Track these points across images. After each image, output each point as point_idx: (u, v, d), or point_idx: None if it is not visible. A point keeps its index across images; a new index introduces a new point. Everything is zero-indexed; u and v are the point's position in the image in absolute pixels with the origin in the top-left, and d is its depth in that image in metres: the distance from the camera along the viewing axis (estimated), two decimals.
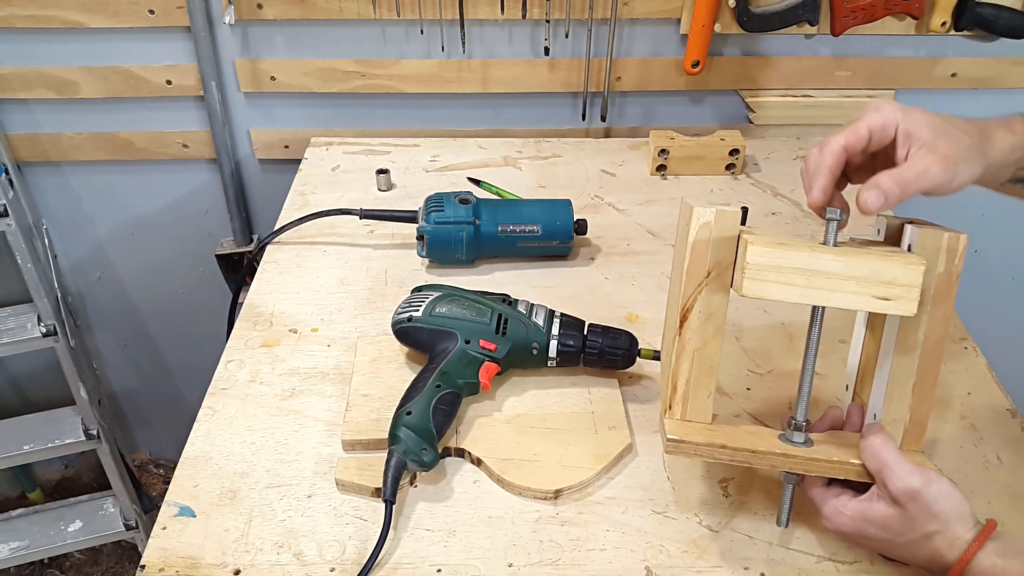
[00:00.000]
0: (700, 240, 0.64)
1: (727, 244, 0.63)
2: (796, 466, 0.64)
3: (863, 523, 0.62)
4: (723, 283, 0.64)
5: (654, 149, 1.18)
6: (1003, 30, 1.20)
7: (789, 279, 0.60)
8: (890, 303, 0.60)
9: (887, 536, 0.62)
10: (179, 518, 0.72)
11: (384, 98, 1.30)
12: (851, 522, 0.63)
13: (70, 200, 1.40)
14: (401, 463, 0.72)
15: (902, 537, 0.61)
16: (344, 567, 0.67)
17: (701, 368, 0.65)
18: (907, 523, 0.60)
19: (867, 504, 0.62)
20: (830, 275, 0.60)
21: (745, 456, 0.64)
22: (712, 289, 0.64)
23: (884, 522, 0.61)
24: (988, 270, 1.48)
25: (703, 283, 0.64)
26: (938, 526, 0.60)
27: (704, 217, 0.63)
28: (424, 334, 0.82)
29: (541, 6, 1.19)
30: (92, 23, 1.20)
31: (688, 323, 0.65)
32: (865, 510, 0.62)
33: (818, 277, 0.60)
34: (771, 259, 0.60)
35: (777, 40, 1.25)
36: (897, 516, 0.60)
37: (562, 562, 0.68)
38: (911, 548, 0.61)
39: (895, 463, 0.61)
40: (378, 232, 1.07)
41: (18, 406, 1.63)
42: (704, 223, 0.63)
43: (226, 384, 0.85)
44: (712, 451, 0.64)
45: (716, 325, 0.65)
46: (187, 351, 1.62)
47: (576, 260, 1.03)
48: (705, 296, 0.64)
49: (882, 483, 0.61)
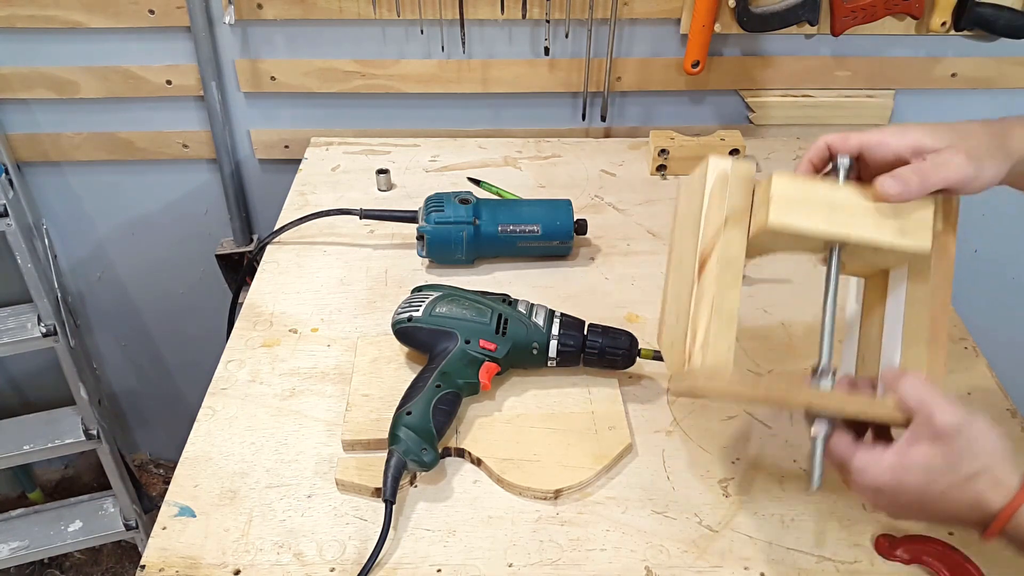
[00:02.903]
0: (718, 185, 0.64)
1: (743, 191, 0.64)
2: (833, 404, 0.60)
3: (901, 471, 0.58)
4: (741, 229, 0.63)
5: (654, 149, 1.18)
6: (1003, 30, 1.20)
7: (812, 212, 0.61)
8: (907, 238, 0.60)
9: (927, 481, 0.57)
10: (179, 518, 0.72)
11: (384, 98, 1.30)
12: (888, 472, 0.58)
13: (70, 200, 1.40)
14: (401, 463, 0.72)
15: (943, 480, 0.56)
16: (344, 567, 0.67)
17: (721, 318, 0.62)
18: (950, 462, 0.56)
19: (905, 448, 0.58)
20: (850, 209, 0.61)
21: (779, 395, 0.61)
22: (730, 235, 0.63)
23: (926, 463, 0.57)
24: (988, 270, 1.48)
25: (721, 229, 0.63)
26: (982, 465, 0.56)
27: (721, 165, 0.64)
28: (424, 334, 0.82)
29: (541, 6, 1.19)
30: (92, 23, 1.20)
31: (707, 270, 0.63)
32: (903, 455, 0.58)
33: (839, 211, 0.61)
34: (795, 191, 0.61)
35: (777, 40, 1.25)
36: (940, 455, 0.56)
37: (562, 562, 0.68)
38: (952, 495, 0.57)
39: (939, 398, 0.57)
40: (378, 232, 1.07)
41: (18, 406, 1.63)
42: (721, 170, 0.64)
43: (226, 384, 0.85)
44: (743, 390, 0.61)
45: (734, 273, 0.63)
46: (187, 351, 1.62)
47: (576, 260, 1.03)
48: (723, 242, 0.63)
49: (926, 418, 0.57)
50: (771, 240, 0.64)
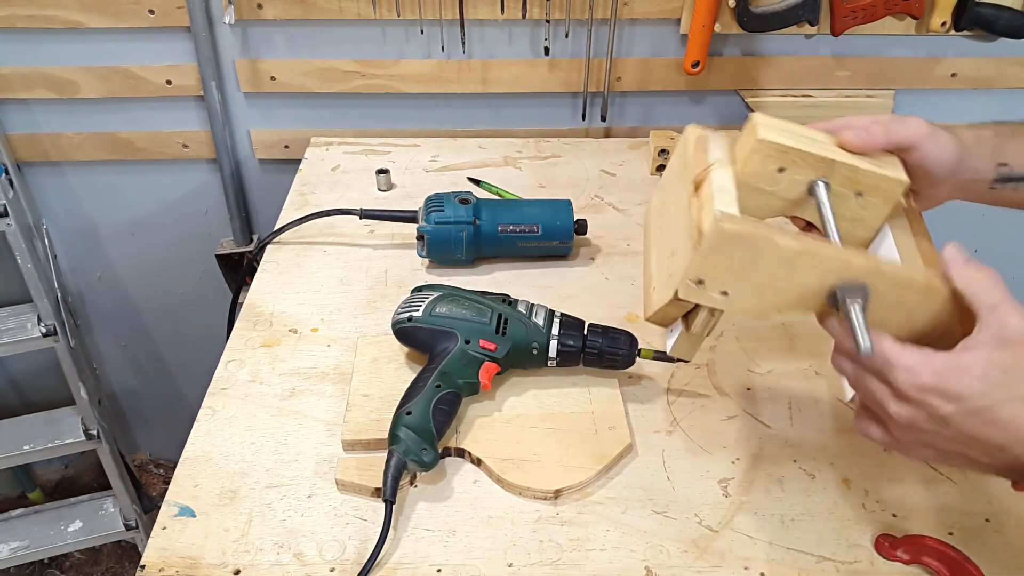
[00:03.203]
0: (700, 141, 0.67)
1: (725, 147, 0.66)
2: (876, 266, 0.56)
3: (954, 376, 0.50)
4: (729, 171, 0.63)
5: (654, 149, 1.18)
6: (1003, 30, 1.20)
7: (796, 137, 0.62)
8: (886, 170, 0.62)
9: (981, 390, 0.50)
10: (179, 518, 0.72)
11: (384, 98, 1.30)
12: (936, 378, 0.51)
13: (70, 200, 1.40)
14: (401, 463, 0.72)
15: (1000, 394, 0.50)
16: (344, 567, 0.67)
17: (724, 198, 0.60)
18: (1015, 373, 0.49)
19: (961, 352, 0.51)
20: (828, 143, 0.63)
21: (809, 244, 0.56)
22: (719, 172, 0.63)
23: (986, 371, 0.50)
24: None
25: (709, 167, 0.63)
26: None
27: (698, 130, 0.68)
28: (424, 334, 0.82)
29: (541, 6, 1.19)
30: (92, 23, 1.20)
31: (702, 189, 0.62)
32: (959, 358, 0.51)
33: (819, 142, 0.63)
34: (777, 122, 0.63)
35: (777, 40, 1.26)
36: (1004, 362, 0.50)
37: (562, 562, 0.68)
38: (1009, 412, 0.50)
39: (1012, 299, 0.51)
40: (378, 232, 1.07)
41: (18, 406, 1.63)
42: (701, 134, 0.67)
43: (226, 384, 0.85)
44: (772, 230, 0.55)
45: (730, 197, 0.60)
46: (187, 351, 1.62)
47: (576, 260, 1.03)
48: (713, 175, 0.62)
49: (995, 318, 0.51)
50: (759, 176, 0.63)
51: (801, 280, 0.57)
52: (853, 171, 0.62)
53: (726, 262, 0.57)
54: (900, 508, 0.72)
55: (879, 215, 0.65)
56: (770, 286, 0.58)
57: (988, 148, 0.68)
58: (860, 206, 0.64)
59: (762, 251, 0.56)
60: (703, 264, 0.57)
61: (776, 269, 0.57)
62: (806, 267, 0.57)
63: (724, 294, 0.59)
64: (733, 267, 0.57)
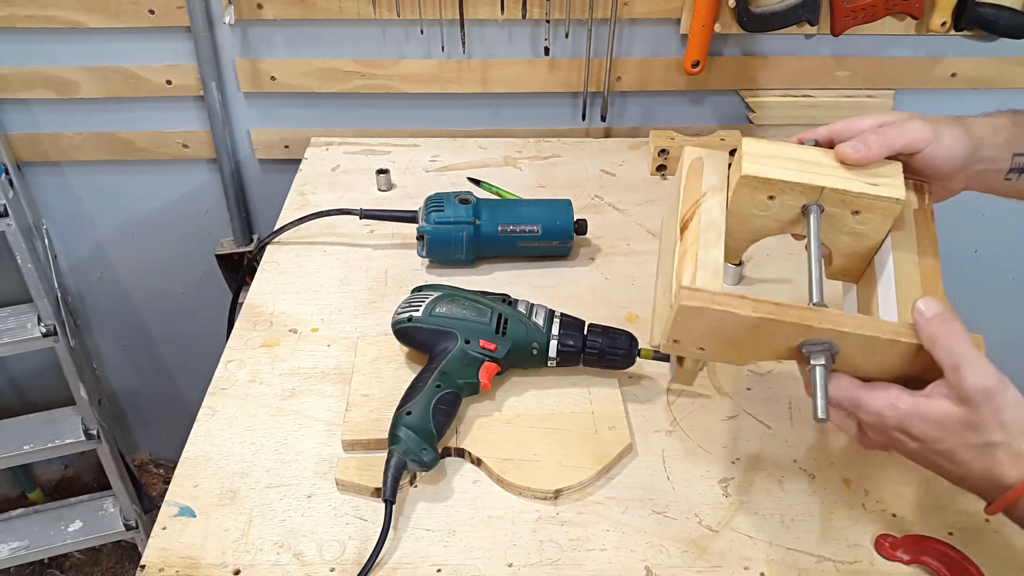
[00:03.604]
0: (693, 167, 0.67)
1: (719, 171, 0.67)
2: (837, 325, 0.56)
3: (916, 419, 0.55)
4: (719, 199, 0.65)
5: (654, 149, 1.18)
6: (1003, 30, 1.20)
7: (784, 164, 0.63)
8: (879, 187, 0.62)
9: (938, 436, 0.54)
10: (179, 518, 0.72)
11: (384, 98, 1.30)
12: (902, 415, 0.55)
13: (70, 200, 1.40)
14: (401, 463, 0.72)
15: (956, 440, 0.54)
16: (344, 567, 0.67)
17: (706, 272, 0.62)
18: (970, 427, 0.54)
19: (925, 400, 0.55)
20: (821, 165, 0.63)
21: (768, 309, 0.57)
22: (709, 203, 0.65)
23: (943, 421, 0.54)
24: (988, 270, 1.48)
25: (700, 199, 0.65)
26: (1004, 437, 0.53)
27: (696, 153, 0.69)
28: (424, 334, 0.82)
29: (541, 6, 1.19)
30: (92, 23, 1.20)
31: (689, 230, 0.64)
32: (923, 405, 0.55)
33: (810, 165, 0.63)
34: (766, 149, 0.64)
35: (777, 40, 1.25)
36: (960, 417, 0.54)
37: (562, 562, 0.68)
38: (963, 455, 0.54)
39: (974, 358, 0.53)
40: (378, 232, 1.07)
41: (18, 406, 1.63)
42: (696, 156, 0.68)
43: (226, 384, 0.85)
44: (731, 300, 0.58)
45: (717, 234, 0.63)
46: (187, 351, 1.62)
47: (576, 260, 1.03)
48: (704, 209, 0.65)
49: (956, 380, 0.54)
50: (750, 204, 0.64)
51: (767, 341, 0.60)
52: (844, 194, 0.63)
53: (695, 327, 0.60)
54: (900, 508, 0.72)
55: (881, 228, 0.65)
56: (741, 344, 0.60)
57: (1004, 137, 0.67)
58: (858, 222, 0.65)
59: (725, 319, 0.58)
60: (676, 328, 0.61)
61: (742, 332, 0.59)
62: (770, 331, 0.59)
63: (701, 349, 0.62)
64: (703, 331, 0.60)
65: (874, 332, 0.57)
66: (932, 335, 0.56)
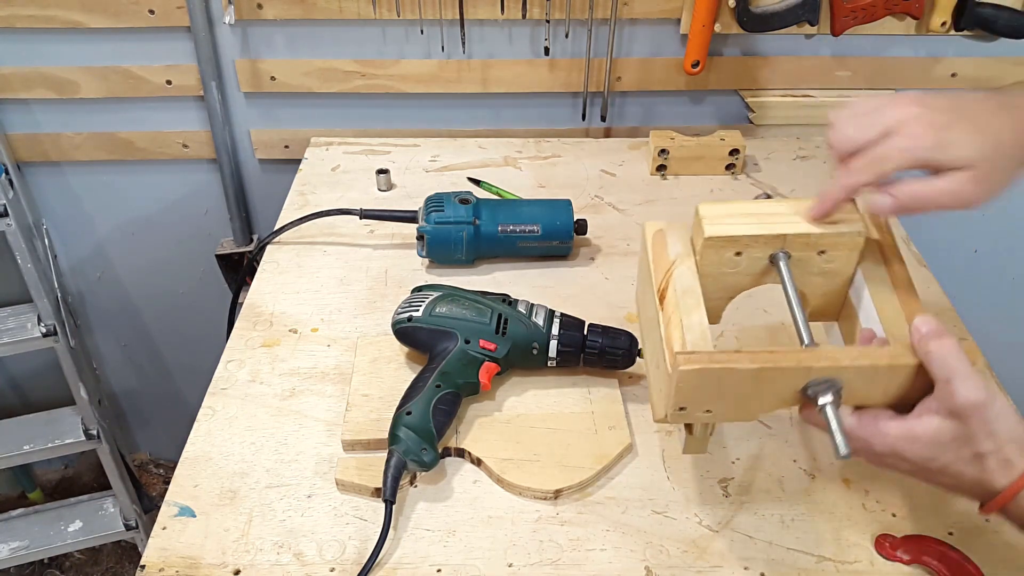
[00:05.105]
0: (656, 239, 0.69)
1: (682, 240, 0.69)
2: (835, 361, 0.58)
3: (907, 443, 0.57)
4: (689, 265, 0.67)
5: (654, 149, 1.18)
6: (1003, 30, 1.20)
7: (743, 220, 0.66)
8: (839, 224, 0.64)
9: (931, 455, 0.56)
10: (179, 518, 0.72)
11: (384, 98, 1.30)
12: (891, 442, 0.57)
13: (70, 200, 1.40)
14: (401, 463, 0.72)
15: (949, 455, 0.55)
16: (344, 567, 0.67)
17: (694, 335, 0.63)
18: (961, 440, 0.55)
19: (915, 421, 0.56)
20: (778, 214, 0.66)
21: (766, 359, 0.58)
22: (680, 270, 0.67)
23: (935, 438, 0.55)
24: (988, 270, 1.48)
25: (670, 268, 0.67)
26: (993, 446, 0.54)
27: (656, 226, 0.71)
28: (424, 334, 0.82)
29: (541, 6, 1.19)
30: (92, 23, 1.20)
31: (667, 298, 0.66)
32: (912, 427, 0.56)
33: (767, 216, 0.66)
34: (722, 209, 0.66)
35: (777, 40, 1.25)
36: (951, 431, 0.55)
37: (562, 562, 0.68)
38: (956, 468, 0.56)
39: (966, 372, 0.54)
40: (378, 232, 1.07)
41: (18, 406, 1.63)
42: (659, 229, 0.70)
43: (226, 384, 0.85)
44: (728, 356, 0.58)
45: (695, 298, 0.65)
46: (187, 351, 1.62)
47: (576, 260, 1.03)
48: (676, 276, 0.66)
49: (947, 393, 0.55)
50: (719, 264, 0.67)
51: (770, 389, 0.60)
52: (806, 238, 0.65)
53: (698, 391, 0.60)
54: (900, 508, 0.72)
55: (848, 262, 0.66)
56: (746, 398, 0.61)
57: None
58: (826, 261, 0.66)
59: (725, 377, 0.59)
60: (679, 397, 0.61)
61: (744, 386, 0.59)
62: (771, 380, 0.59)
63: (708, 412, 0.62)
64: (707, 393, 0.60)
65: (872, 361, 0.58)
66: (927, 350, 0.57)
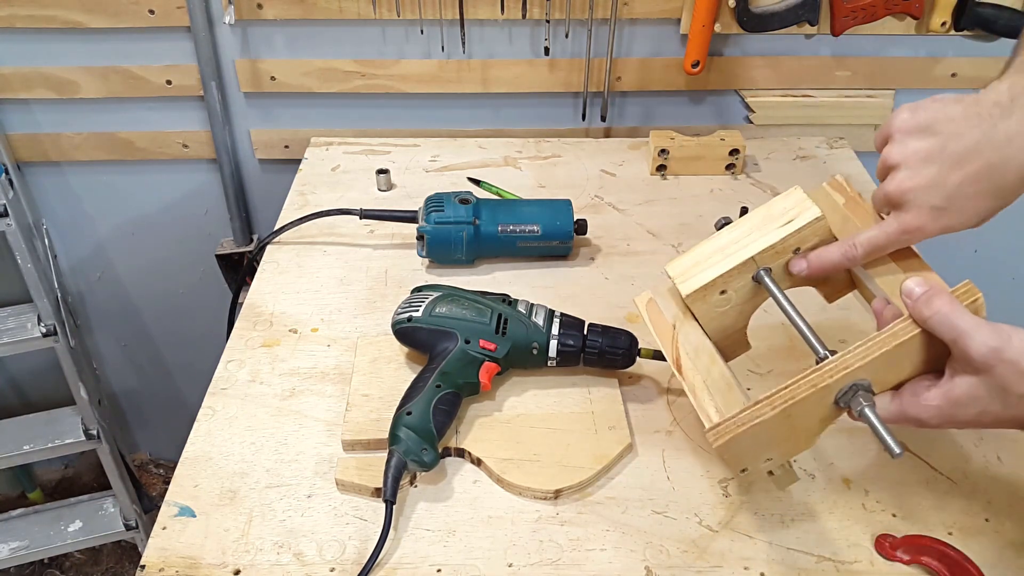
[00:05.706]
0: (651, 306, 0.72)
1: (673, 300, 0.71)
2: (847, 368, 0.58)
3: (952, 408, 0.56)
4: (690, 324, 0.70)
5: (654, 149, 1.18)
6: (1003, 30, 1.20)
7: (709, 262, 0.68)
8: (795, 221, 0.66)
9: (980, 409, 0.55)
10: (179, 518, 0.72)
11: (384, 98, 1.30)
12: (939, 411, 0.56)
13: (70, 200, 1.40)
14: (401, 463, 0.72)
15: (996, 405, 0.55)
16: (344, 567, 0.67)
17: (720, 394, 0.65)
18: (996, 389, 0.54)
19: (949, 384, 0.56)
20: (736, 241, 0.68)
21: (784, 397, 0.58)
22: (683, 332, 0.69)
23: (973, 394, 0.55)
24: (988, 270, 1.48)
25: (674, 334, 0.70)
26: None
27: (645, 297, 0.73)
28: (424, 334, 0.82)
29: (541, 6, 1.19)
30: (92, 23, 1.20)
31: (684, 367, 0.68)
32: (949, 392, 0.56)
33: (728, 247, 0.68)
34: (687, 261, 0.69)
35: (777, 40, 1.25)
36: (984, 385, 0.54)
37: (562, 562, 0.68)
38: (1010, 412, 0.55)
39: (970, 325, 0.54)
40: (378, 232, 1.07)
41: (18, 406, 1.63)
42: (649, 299, 0.72)
43: (226, 384, 0.85)
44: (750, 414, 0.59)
45: (708, 354, 0.68)
46: (187, 351, 1.62)
47: (576, 260, 1.03)
48: (681, 340, 0.69)
49: (961, 352, 0.55)
50: (712, 308, 0.69)
51: (805, 418, 0.61)
52: (773, 248, 0.67)
53: (745, 452, 0.62)
54: (900, 508, 0.72)
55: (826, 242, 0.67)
56: (791, 433, 0.61)
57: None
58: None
59: (758, 432, 0.60)
60: (733, 464, 0.63)
61: (781, 428, 0.60)
62: (799, 412, 0.60)
63: (769, 460, 0.64)
64: (754, 448, 0.62)
65: (881, 349, 0.58)
66: (923, 315, 0.56)
